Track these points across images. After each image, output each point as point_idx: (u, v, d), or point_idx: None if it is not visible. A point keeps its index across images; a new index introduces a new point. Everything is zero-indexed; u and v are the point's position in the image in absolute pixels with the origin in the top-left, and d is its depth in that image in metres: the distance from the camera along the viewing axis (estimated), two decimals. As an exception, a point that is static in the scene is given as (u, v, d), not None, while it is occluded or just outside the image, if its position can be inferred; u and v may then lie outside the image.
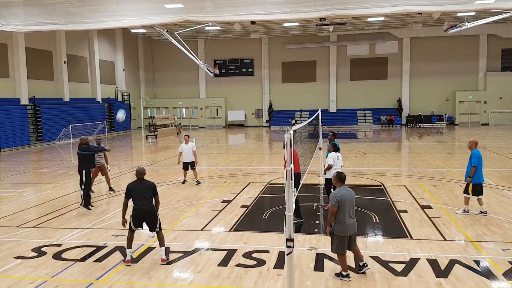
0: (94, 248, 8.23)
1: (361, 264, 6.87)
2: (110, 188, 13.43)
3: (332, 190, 10.68)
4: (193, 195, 12.70)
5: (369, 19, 33.33)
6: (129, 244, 7.50)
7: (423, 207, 10.73)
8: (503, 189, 12.51)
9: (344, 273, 6.63)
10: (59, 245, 8.45)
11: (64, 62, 32.08)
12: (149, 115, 39.31)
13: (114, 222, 9.97)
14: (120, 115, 16.04)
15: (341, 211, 6.48)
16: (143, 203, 7.40)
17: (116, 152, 24.48)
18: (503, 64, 39.37)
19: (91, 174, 11.83)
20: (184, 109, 45.22)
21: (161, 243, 7.55)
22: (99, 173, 13.26)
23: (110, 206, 11.69)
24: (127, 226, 7.58)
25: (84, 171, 11.15)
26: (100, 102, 36.30)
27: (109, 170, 13.76)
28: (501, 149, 21.65)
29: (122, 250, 8.02)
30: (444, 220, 9.62)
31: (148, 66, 45.76)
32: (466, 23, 24.80)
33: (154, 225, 7.50)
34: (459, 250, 7.80)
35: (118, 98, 39.53)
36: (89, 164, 11.42)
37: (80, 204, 11.27)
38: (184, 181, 14.37)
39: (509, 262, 7.15)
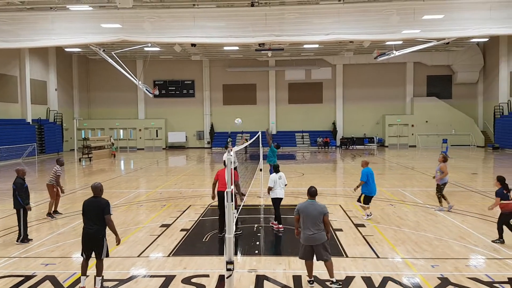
0: (22, 278, 7.68)
1: (308, 279, 7.26)
2: (56, 212, 12.83)
3: (278, 208, 11.02)
4: (130, 220, 12.29)
5: (305, 46, 34.74)
6: (83, 271, 7.05)
7: (357, 226, 11.16)
8: (430, 208, 13.33)
9: (308, 279, 7.19)
10: (-19, 278, 7.80)
11: (-9, 80, 30.15)
12: (83, 137, 37.69)
13: (44, 250, 9.39)
14: (238, 122, 15.54)
15: (303, 221, 7.03)
16: (90, 225, 6.92)
17: (47, 176, 23.14)
18: (428, 89, 42.48)
19: (55, 194, 12.31)
20: (121, 130, 43.91)
21: (99, 272, 7.11)
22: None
23: (39, 233, 11.00)
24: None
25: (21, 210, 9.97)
26: (30, 123, 34.32)
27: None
28: (427, 169, 23.14)
29: (53, 280, 7.57)
30: (377, 238, 10.07)
31: (83, 86, 44.14)
32: (394, 51, 26.64)
33: (99, 251, 6.97)
34: (392, 267, 8.17)
35: (49, 118, 37.62)
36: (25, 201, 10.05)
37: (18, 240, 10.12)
38: None
39: (438, 278, 7.57)
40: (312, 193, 7.19)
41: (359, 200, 11.95)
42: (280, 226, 10.94)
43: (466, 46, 39.01)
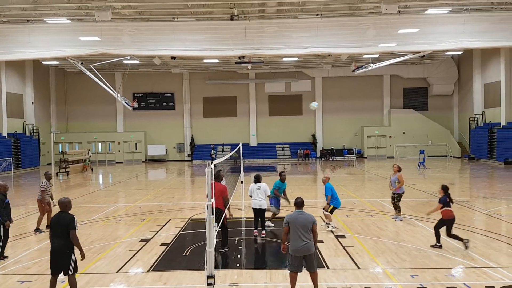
0: (-5, 299, 7.45)
1: None
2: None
3: (260, 217, 11.14)
4: (108, 235, 12.08)
5: (284, 59, 35.13)
6: None
7: (337, 237, 11.23)
8: (409, 218, 13.52)
9: None
10: (-48, 298, 7.53)
11: (-36, 93, 29.38)
12: (60, 151, 36.98)
13: (20, 268, 9.13)
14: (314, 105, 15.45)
15: (292, 232, 6.97)
16: (54, 240, 6.84)
17: (23, 191, 22.64)
18: (405, 101, 43.35)
19: (44, 209, 12.38)
20: (100, 144, 43.28)
21: None
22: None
23: (15, 250, 10.69)
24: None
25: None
26: (6, 137, 33.53)
27: (54, 205, 12.77)
28: (405, 180, 23.47)
29: (28, 299, 7.36)
30: (357, 249, 10.15)
31: (60, 99, 43.44)
32: (371, 64, 27.16)
33: (66, 267, 6.85)
34: (372, 278, 8.24)
35: (26, 132, 36.83)
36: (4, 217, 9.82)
37: None
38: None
39: None
40: (299, 203, 7.28)
41: (327, 211, 12.17)
42: (263, 232, 11.14)
43: (441, 59, 40.09)
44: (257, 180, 11.55)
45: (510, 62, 32.73)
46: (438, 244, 10.04)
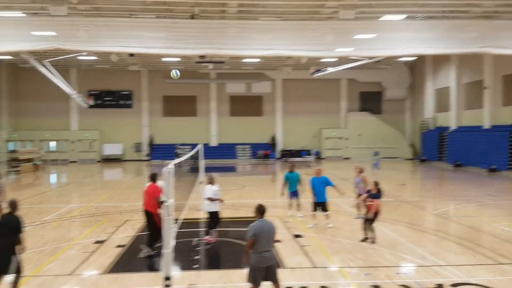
0: None
1: None
2: None
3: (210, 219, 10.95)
4: (60, 237, 11.68)
5: (245, 60, 35.22)
6: None
7: (295, 236, 11.41)
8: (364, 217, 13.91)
9: None
10: None
11: None
12: (11, 149, 35.27)
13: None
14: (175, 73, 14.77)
15: (258, 242, 6.56)
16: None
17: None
18: (360, 105, 44.58)
19: None
20: (53, 142, 41.60)
21: None
22: None
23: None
24: None
25: None
26: (-51, 133, 31.62)
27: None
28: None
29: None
30: (314, 248, 10.36)
31: (12, 95, 41.36)
32: (329, 68, 27.79)
33: (5, 267, 6.67)
34: (328, 276, 8.45)
35: (-28, 129, 34.88)
36: None
37: None
38: None
39: (371, 286, 7.93)
40: (263, 211, 6.92)
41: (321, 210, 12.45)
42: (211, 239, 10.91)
43: (395, 64, 41.53)
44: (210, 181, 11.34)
45: (460, 69, 34.43)
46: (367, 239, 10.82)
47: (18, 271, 6.78)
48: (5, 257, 6.67)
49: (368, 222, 10.72)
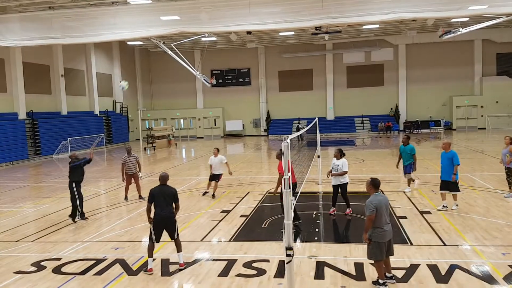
0: (94, 262, 8.20)
1: (388, 275, 6.72)
2: (140, 197, 13.66)
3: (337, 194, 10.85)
4: (192, 206, 12.68)
5: (364, 27, 33.59)
6: (150, 253, 7.59)
7: (422, 213, 10.73)
8: (501, 193, 12.51)
9: (381, 281, 6.54)
10: (59, 259, 8.42)
11: (62, 75, 32.14)
12: (147, 127, 39.35)
13: (114, 235, 9.95)
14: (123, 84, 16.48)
15: (378, 217, 6.44)
16: (163, 209, 7.51)
17: (115, 164, 24.47)
18: (498, 68, 39.63)
19: (125, 182, 13.42)
20: (182, 120, 45.29)
21: (179, 249, 7.70)
22: (132, 180, 13.59)
23: (109, 219, 11.66)
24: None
25: (73, 183, 11.23)
26: (98, 115, 36.33)
27: (141, 178, 14.15)
28: (498, 153, 21.59)
29: (122, 263, 8.01)
30: (444, 225, 9.62)
31: (145, 78, 45.91)
32: (460, 29, 24.97)
33: (173, 232, 7.63)
34: (459, 255, 7.79)
35: (116, 110, 39.59)
36: (78, 178, 11.40)
37: (71, 217, 11.32)
38: (205, 193, 14.12)
39: (509, 266, 7.15)
40: (378, 185, 6.69)
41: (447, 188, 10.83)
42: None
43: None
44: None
45: None
46: None
47: (178, 235, 7.76)
48: (173, 222, 7.63)
49: None
